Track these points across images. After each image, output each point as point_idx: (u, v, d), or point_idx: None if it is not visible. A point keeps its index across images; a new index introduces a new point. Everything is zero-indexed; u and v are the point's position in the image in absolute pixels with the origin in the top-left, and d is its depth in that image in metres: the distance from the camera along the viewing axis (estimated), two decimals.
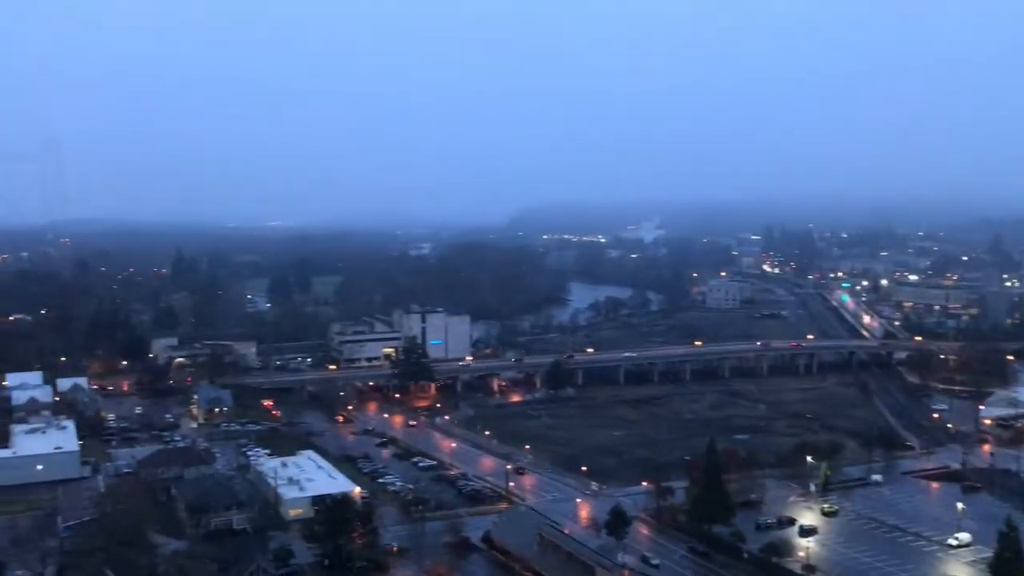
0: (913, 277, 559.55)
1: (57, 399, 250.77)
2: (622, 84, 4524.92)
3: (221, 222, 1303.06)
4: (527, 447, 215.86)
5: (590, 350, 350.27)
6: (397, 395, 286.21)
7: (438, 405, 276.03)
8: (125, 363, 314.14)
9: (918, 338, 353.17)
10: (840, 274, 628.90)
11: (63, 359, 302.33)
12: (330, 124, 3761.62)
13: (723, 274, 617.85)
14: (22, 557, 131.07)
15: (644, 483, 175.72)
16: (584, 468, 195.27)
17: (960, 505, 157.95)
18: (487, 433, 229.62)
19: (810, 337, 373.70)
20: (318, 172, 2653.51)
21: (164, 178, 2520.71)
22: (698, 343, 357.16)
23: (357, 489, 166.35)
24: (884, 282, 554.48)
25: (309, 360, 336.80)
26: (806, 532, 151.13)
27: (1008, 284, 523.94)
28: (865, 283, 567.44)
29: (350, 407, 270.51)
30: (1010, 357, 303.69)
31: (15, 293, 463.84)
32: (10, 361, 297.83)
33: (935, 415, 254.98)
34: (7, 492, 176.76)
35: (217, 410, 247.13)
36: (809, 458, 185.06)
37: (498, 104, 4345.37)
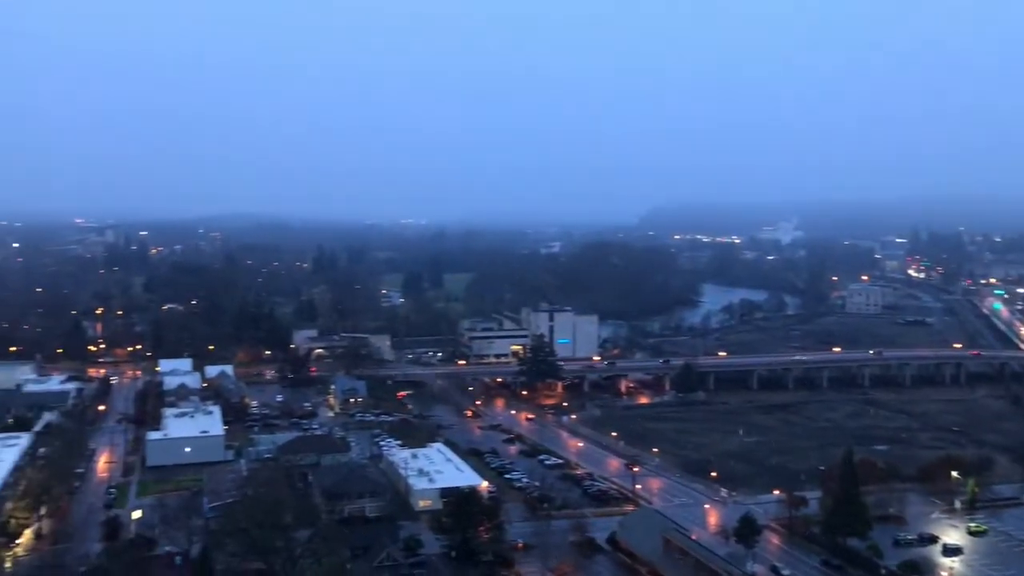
0: None
1: (205, 385, 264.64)
2: (757, 73, 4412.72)
3: (359, 219, 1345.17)
4: (655, 450, 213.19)
5: (722, 353, 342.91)
6: (524, 392, 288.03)
7: (565, 404, 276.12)
8: (268, 353, 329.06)
9: None
10: (993, 280, 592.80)
11: (211, 347, 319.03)
12: (463, 122, 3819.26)
13: (865, 278, 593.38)
14: (170, 534, 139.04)
15: (776, 491, 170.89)
16: (713, 473, 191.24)
17: None
18: (614, 434, 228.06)
19: (957, 346, 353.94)
20: (451, 171, 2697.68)
21: (309, 176, 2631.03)
22: (836, 349, 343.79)
23: (484, 483, 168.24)
24: None
25: (440, 355, 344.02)
26: (950, 551, 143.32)
27: None
28: (1021, 290, 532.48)
29: (478, 402, 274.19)
30: None
31: (169, 284, 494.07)
32: (163, 348, 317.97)
33: None
34: (158, 472, 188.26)
35: (352, 400, 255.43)
36: (955, 473, 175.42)
37: (630, 101, 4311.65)
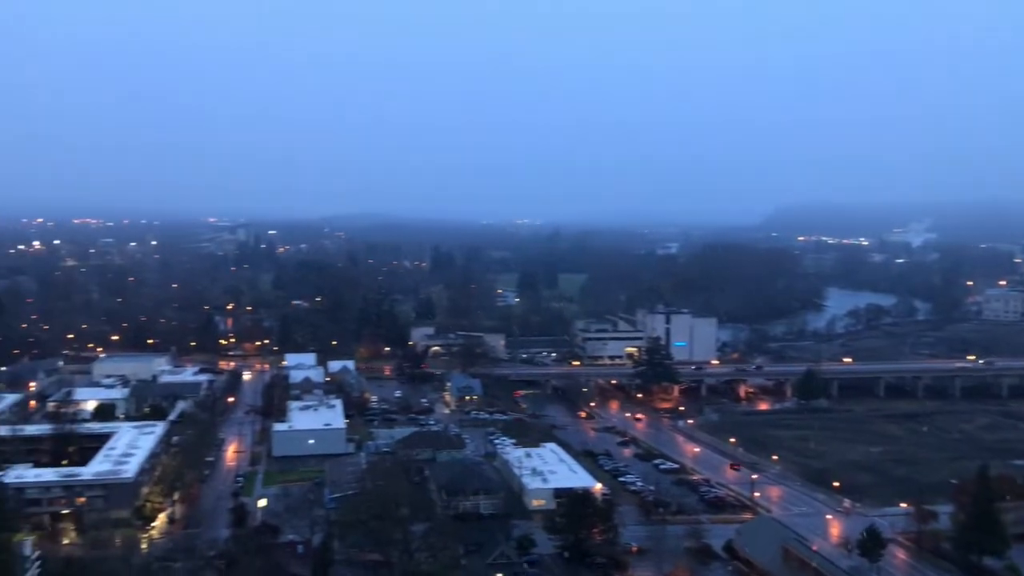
0: None
1: (328, 379, 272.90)
2: (886, 70, 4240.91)
3: (476, 219, 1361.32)
4: (775, 457, 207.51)
5: (847, 360, 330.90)
6: (639, 395, 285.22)
7: (681, 408, 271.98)
8: (387, 349, 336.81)
9: None
10: None
11: (334, 343, 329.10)
12: (578, 122, 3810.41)
13: (1003, 283, 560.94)
14: (294, 523, 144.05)
15: (903, 504, 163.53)
16: (836, 483, 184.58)
17: None
18: (732, 440, 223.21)
19: None
20: (567, 170, 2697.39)
21: (429, 176, 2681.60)
22: (971, 357, 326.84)
23: (598, 485, 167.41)
24: None
25: (554, 355, 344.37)
26: None
27: None
28: None
29: (592, 403, 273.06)
30: None
31: (295, 281, 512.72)
32: (289, 342, 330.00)
33: None
34: (282, 462, 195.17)
35: (468, 398, 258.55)
36: None
37: (755, 97, 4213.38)
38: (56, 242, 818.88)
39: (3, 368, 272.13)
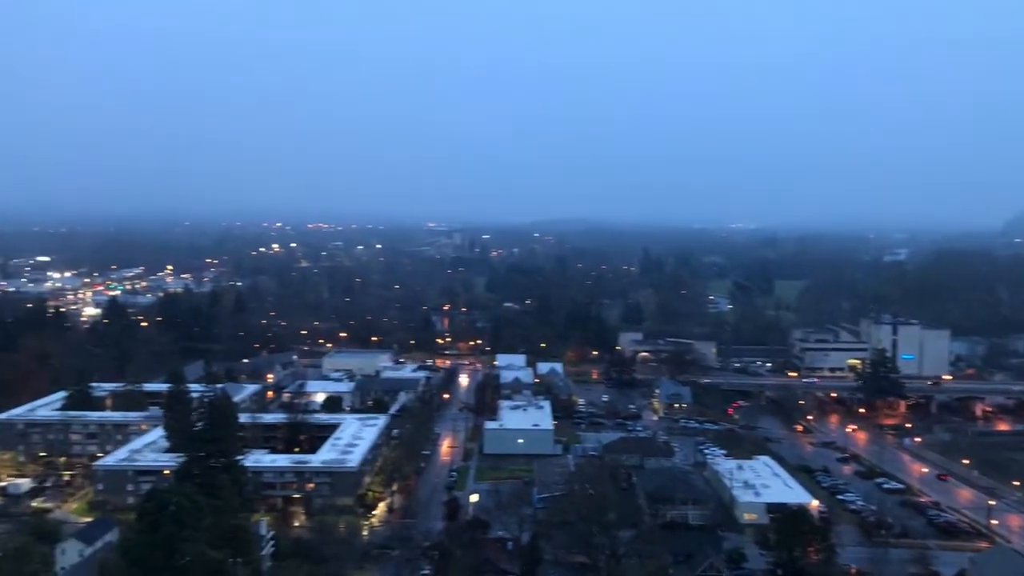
0: None
1: (536, 381, 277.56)
2: None
3: (688, 223, 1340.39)
4: (1015, 483, 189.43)
5: None
6: (861, 409, 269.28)
7: (908, 425, 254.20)
8: (595, 353, 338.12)
9: None
10: None
11: (543, 345, 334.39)
12: (793, 125, 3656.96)
13: None
14: (503, 520, 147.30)
15: None
16: None
17: None
18: (966, 462, 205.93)
19: None
20: (784, 174, 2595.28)
21: (637, 181, 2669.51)
22: None
23: (815, 502, 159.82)
24: None
25: (768, 365, 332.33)
26: None
27: None
28: None
29: (809, 417, 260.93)
30: None
31: (507, 284, 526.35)
32: (501, 343, 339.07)
33: None
34: (493, 459, 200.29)
35: (677, 406, 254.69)
36: None
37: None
38: (292, 245, 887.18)
39: (245, 360, 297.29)
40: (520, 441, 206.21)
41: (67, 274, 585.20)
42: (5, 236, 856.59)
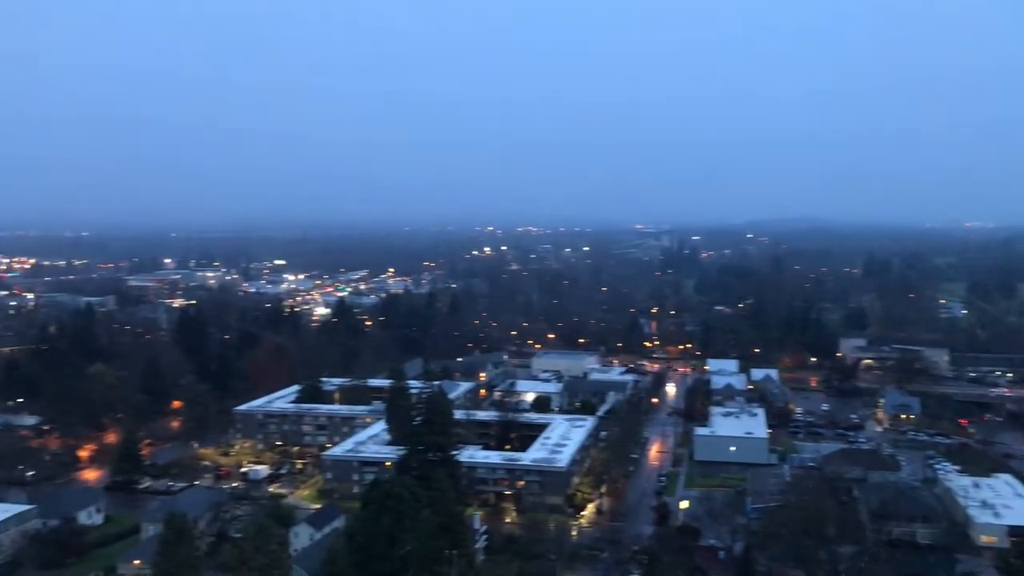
0: None
1: (750, 387, 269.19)
2: None
3: (917, 223, 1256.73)
4: None
5: None
6: None
7: None
8: (813, 359, 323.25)
9: None
10: None
11: (757, 350, 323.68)
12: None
13: None
14: (715, 528, 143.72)
15: None
16: None
17: None
18: None
19: None
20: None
21: (861, 179, 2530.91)
22: None
23: None
24: None
25: (1009, 375, 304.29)
26: None
27: None
28: None
29: None
30: None
31: (718, 287, 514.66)
32: (711, 348, 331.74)
33: None
34: (703, 466, 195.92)
35: (903, 416, 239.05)
36: None
37: None
38: (503, 248, 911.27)
39: (459, 359, 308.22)
40: (732, 448, 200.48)
41: (300, 276, 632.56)
42: (247, 242, 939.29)
